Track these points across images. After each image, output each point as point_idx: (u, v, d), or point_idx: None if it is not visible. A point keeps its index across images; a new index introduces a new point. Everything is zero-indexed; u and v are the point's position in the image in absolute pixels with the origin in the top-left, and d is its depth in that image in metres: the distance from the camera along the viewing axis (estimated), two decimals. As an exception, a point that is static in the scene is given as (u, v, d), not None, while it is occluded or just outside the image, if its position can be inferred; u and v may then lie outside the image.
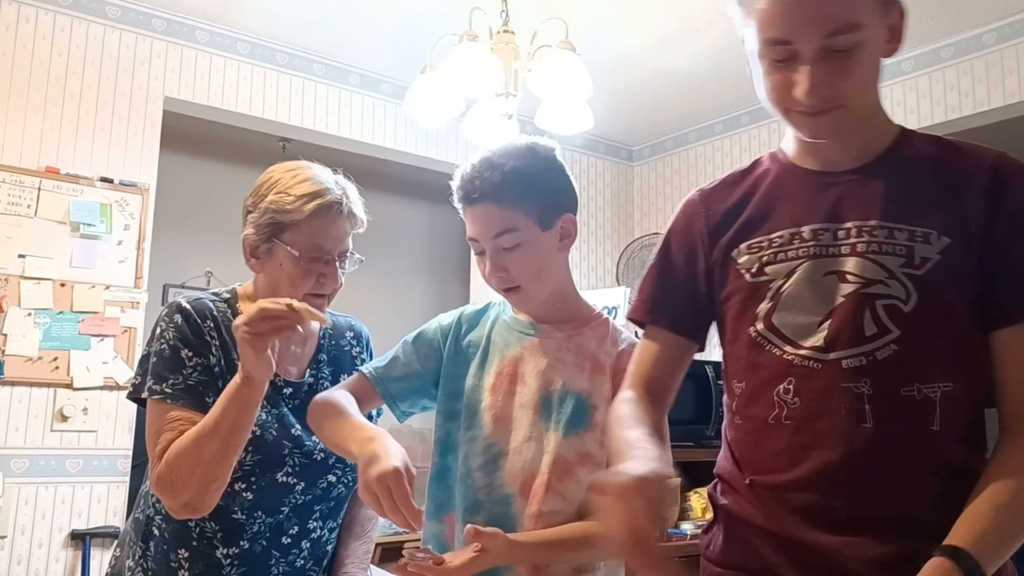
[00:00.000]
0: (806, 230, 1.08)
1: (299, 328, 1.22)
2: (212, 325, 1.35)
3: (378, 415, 1.71)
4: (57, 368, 2.80)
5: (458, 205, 1.32)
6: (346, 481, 1.43)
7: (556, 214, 1.31)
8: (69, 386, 2.82)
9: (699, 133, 4.32)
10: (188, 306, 1.34)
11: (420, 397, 1.39)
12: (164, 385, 1.28)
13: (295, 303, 1.18)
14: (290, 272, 1.35)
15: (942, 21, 3.24)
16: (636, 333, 1.30)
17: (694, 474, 3.80)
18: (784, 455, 1.05)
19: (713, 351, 1.23)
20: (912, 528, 0.98)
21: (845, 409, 1.01)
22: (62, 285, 2.85)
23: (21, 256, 2.79)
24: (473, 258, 1.41)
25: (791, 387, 1.05)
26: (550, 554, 1.24)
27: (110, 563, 1.46)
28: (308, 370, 1.44)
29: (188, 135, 4.08)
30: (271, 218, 1.34)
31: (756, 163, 1.21)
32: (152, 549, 1.35)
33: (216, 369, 1.32)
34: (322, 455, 1.38)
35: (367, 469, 1.09)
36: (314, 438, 1.37)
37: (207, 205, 4.54)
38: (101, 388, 2.87)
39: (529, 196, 1.27)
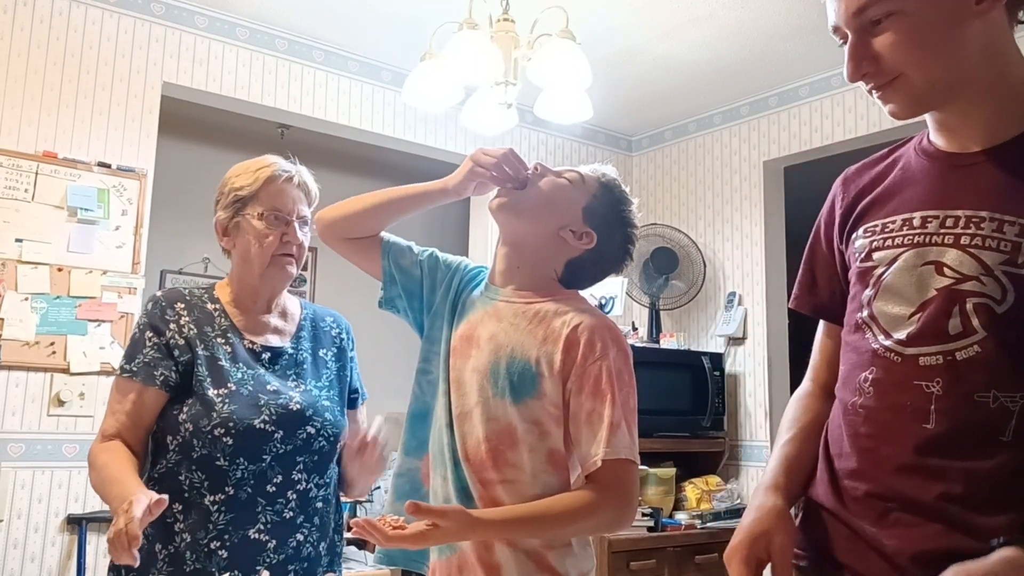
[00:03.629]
0: (917, 216, 1.04)
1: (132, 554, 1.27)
2: (183, 306, 1.57)
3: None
4: (54, 353, 2.80)
5: None
6: (326, 435, 1.54)
7: None
8: (66, 371, 2.81)
9: (699, 124, 4.31)
10: (160, 295, 1.60)
11: (401, 294, 1.46)
12: (131, 364, 1.51)
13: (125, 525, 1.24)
14: (257, 234, 1.55)
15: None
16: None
17: (689, 465, 3.81)
18: (852, 442, 1.06)
19: (709, 343, 1.23)
20: (961, 530, 0.95)
21: (911, 407, 0.98)
22: (59, 270, 2.84)
23: (18, 240, 2.78)
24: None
25: (870, 376, 1.04)
26: (516, 531, 1.23)
27: None
28: (290, 342, 1.62)
29: (186, 121, 4.07)
30: (234, 196, 1.58)
31: (904, 141, 1.16)
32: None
33: (171, 342, 1.52)
34: (298, 407, 1.52)
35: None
36: (290, 393, 1.53)
37: (205, 191, 4.49)
38: (98, 373, 2.87)
39: None
